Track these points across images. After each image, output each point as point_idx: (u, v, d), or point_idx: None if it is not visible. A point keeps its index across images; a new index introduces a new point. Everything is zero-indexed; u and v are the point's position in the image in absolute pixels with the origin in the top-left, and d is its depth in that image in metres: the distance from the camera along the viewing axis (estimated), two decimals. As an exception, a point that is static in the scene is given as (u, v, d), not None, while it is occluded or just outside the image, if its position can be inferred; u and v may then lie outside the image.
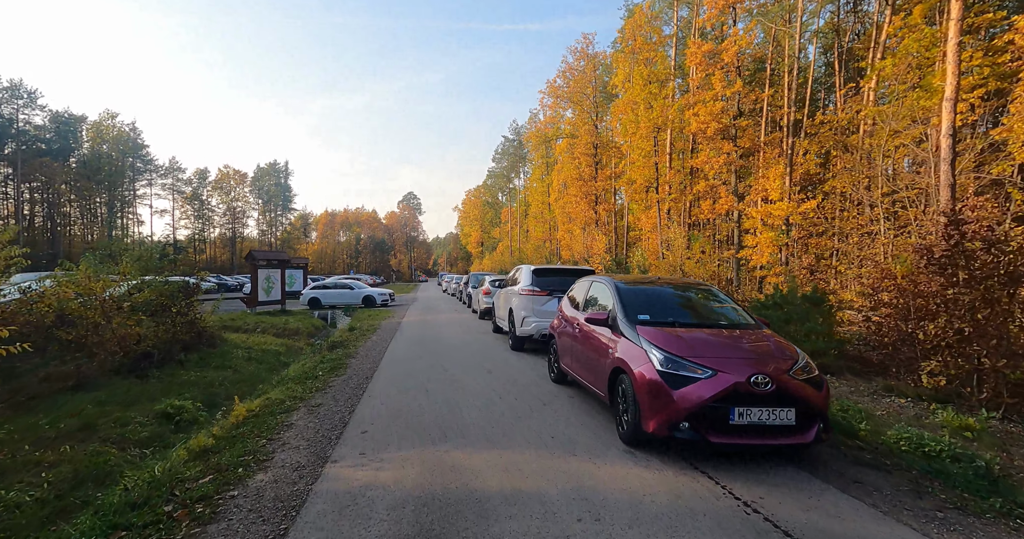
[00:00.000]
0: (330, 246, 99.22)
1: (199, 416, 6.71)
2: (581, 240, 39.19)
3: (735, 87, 19.25)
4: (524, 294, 8.50)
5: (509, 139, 70.86)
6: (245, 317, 18.31)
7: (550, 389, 5.85)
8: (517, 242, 63.78)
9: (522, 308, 8.49)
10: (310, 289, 23.32)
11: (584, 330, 4.97)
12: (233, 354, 11.20)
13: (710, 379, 3.33)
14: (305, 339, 15.82)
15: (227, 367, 9.94)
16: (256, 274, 20.26)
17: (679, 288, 4.95)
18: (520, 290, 8.67)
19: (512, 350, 8.92)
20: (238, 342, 12.91)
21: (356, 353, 9.01)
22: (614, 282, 4.84)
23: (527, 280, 8.69)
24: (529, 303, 8.37)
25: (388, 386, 6.16)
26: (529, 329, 8.25)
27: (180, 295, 10.71)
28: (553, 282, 8.52)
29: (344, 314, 21.78)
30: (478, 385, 6.06)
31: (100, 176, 62.90)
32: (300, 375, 7.16)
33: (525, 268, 9.19)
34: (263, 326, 16.92)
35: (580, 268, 9.12)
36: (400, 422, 4.62)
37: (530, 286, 8.47)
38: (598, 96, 33.14)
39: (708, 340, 3.82)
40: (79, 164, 62.67)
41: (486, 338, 10.75)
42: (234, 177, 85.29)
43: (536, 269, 8.80)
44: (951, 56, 11.02)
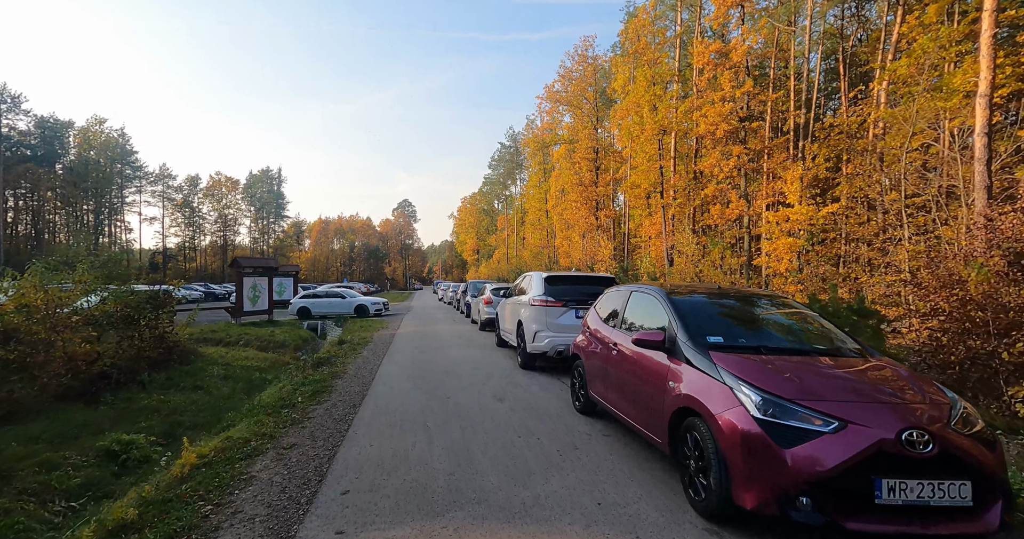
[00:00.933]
0: (324, 254, 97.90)
1: (152, 453, 5.60)
2: (580, 247, 38.34)
3: (745, 87, 18.49)
4: (536, 305, 7.47)
5: (505, 146, 70.26)
6: (229, 328, 17.14)
7: (578, 424, 4.79)
8: (514, 249, 62.92)
9: (534, 321, 7.45)
10: (299, 298, 22.16)
11: (626, 353, 3.94)
12: (207, 372, 10.06)
13: (839, 434, 2.32)
14: (291, 353, 14.68)
15: (198, 388, 8.80)
16: (241, 283, 19.12)
17: (745, 300, 3.94)
18: (531, 300, 7.64)
19: (522, 369, 7.87)
20: (216, 357, 11.75)
21: (344, 372, 7.91)
22: (665, 293, 3.83)
23: (538, 289, 7.67)
24: (542, 315, 7.34)
25: (379, 419, 5.08)
26: (542, 345, 7.21)
27: (147, 307, 9.59)
28: (568, 291, 7.51)
29: (335, 325, 20.64)
30: (490, 419, 4.99)
31: (87, 183, 61.46)
32: (275, 402, 6.06)
33: (535, 275, 8.17)
34: (247, 338, 15.77)
35: (598, 275, 8.10)
36: (394, 476, 3.55)
37: (542, 296, 7.45)
38: (598, 100, 32.44)
39: (819, 374, 2.81)
40: (66, 171, 61.23)
41: (490, 354, 9.69)
42: (226, 184, 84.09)
43: (548, 277, 7.78)
44: (985, 50, 10.23)
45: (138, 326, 9.54)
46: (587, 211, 32.18)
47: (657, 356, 3.47)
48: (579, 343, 5.25)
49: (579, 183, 32.31)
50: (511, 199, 71.66)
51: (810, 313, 3.74)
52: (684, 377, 3.10)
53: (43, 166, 55.99)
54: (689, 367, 3.11)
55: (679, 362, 3.23)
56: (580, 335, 5.39)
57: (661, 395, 3.30)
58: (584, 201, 32.11)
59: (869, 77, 26.58)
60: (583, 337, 5.20)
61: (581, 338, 5.25)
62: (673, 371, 3.23)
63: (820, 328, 3.56)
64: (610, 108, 32.56)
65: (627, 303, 4.40)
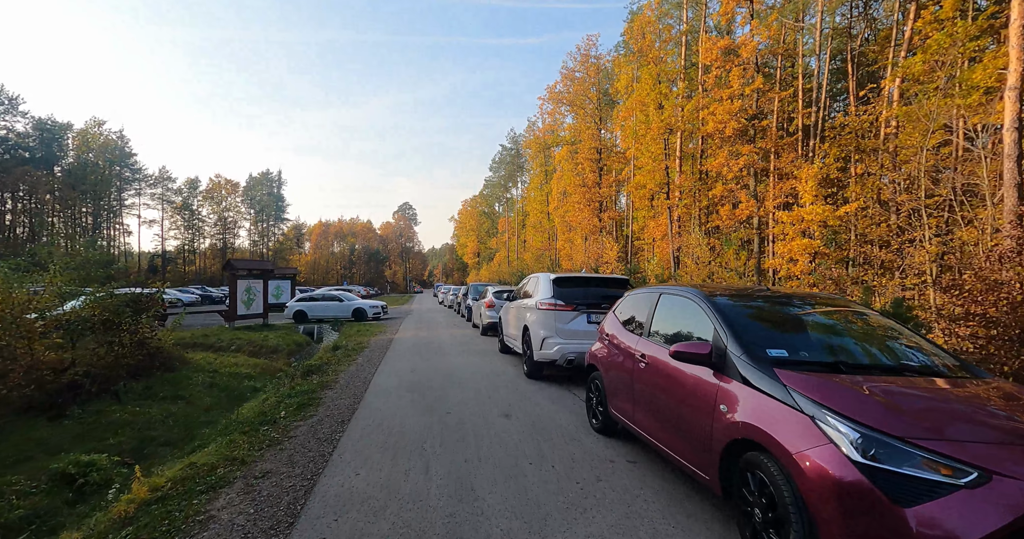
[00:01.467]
0: (324, 257, 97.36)
1: (115, 475, 4.97)
2: (582, 249, 37.76)
3: (755, 84, 17.93)
4: (543, 309, 6.85)
5: (507, 148, 69.81)
6: (221, 333, 16.54)
7: (598, 446, 4.16)
8: (515, 252, 62.41)
9: (541, 326, 6.83)
10: (295, 301, 21.55)
11: (658, 367, 3.32)
12: (192, 380, 9.44)
13: (981, 489, 1.70)
14: (285, 359, 14.08)
15: (179, 398, 8.18)
16: (235, 285, 18.53)
17: (801, 303, 3.29)
18: (538, 304, 7.02)
19: (528, 378, 7.24)
20: (203, 364, 11.14)
21: (335, 382, 7.29)
22: (705, 295, 3.20)
23: (546, 292, 7.05)
24: (550, 320, 6.71)
25: (369, 440, 4.45)
26: (551, 353, 6.58)
27: (127, 311, 8.98)
28: (579, 294, 6.88)
29: (332, 329, 20.01)
30: (496, 440, 4.36)
31: (85, 186, 60.99)
32: (255, 417, 5.43)
33: (542, 277, 7.55)
34: (239, 343, 15.17)
35: (611, 277, 7.48)
36: (382, 518, 2.92)
37: (551, 299, 6.82)
38: (601, 100, 31.92)
39: (928, 401, 2.18)
40: (64, 173, 60.82)
41: (493, 361, 9.05)
42: (225, 187, 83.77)
43: (557, 278, 7.16)
44: (1015, 40, 9.65)
45: (118, 331, 8.94)
46: (590, 213, 31.60)
47: (700, 372, 2.85)
48: (596, 352, 4.62)
49: (582, 184, 31.74)
50: (512, 202, 71.22)
51: (885, 320, 3.10)
52: (741, 400, 2.48)
53: (41, 168, 55.57)
54: (747, 388, 2.49)
55: (730, 380, 2.61)
56: (596, 343, 4.77)
57: (708, 421, 2.68)
58: (587, 202, 31.53)
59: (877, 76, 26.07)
60: (600, 346, 4.58)
61: (598, 347, 4.63)
62: (724, 392, 2.62)
63: (903, 338, 2.91)
64: (612, 109, 32.05)
65: (655, 308, 3.78)
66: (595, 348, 4.70)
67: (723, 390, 2.63)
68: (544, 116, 47.46)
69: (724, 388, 2.63)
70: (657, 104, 21.85)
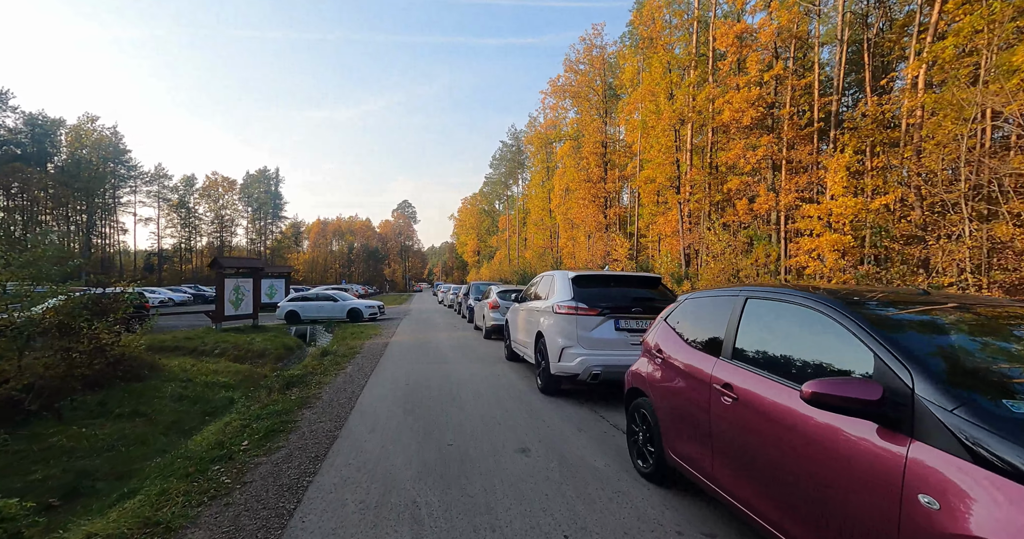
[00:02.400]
0: (322, 255, 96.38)
1: (26, 529, 3.89)
2: (586, 247, 36.73)
3: (775, 69, 16.84)
4: (561, 313, 5.77)
5: (507, 145, 68.74)
6: (206, 335, 15.48)
7: (654, 504, 3.07)
8: (516, 250, 61.41)
9: (560, 334, 5.75)
10: (288, 301, 20.47)
11: (763, 408, 2.23)
12: (161, 391, 8.37)
13: None
14: (272, 364, 13.00)
15: (138, 414, 7.10)
16: (222, 284, 17.44)
17: (1000, 317, 2.23)
18: (554, 307, 5.94)
19: (543, 394, 6.17)
20: (177, 372, 10.07)
21: (317, 398, 6.22)
22: (846, 304, 2.10)
23: (564, 293, 5.97)
24: (570, 327, 5.64)
25: (346, 490, 3.37)
26: (572, 366, 5.50)
27: (84, 313, 7.91)
28: (604, 296, 5.81)
29: (325, 331, 18.95)
30: (513, 494, 3.26)
31: (79, 183, 59.84)
32: (209, 449, 4.36)
33: (558, 276, 6.47)
34: (223, 347, 14.09)
35: (642, 275, 6.39)
36: None
37: (570, 301, 5.74)
38: (606, 92, 30.80)
39: None
40: (57, 170, 59.71)
41: (500, 371, 7.98)
42: (222, 184, 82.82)
43: (577, 277, 6.08)
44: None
45: (78, 336, 7.87)
46: (595, 209, 30.51)
47: (851, 426, 1.78)
48: (642, 373, 3.54)
49: (586, 179, 30.64)
50: (513, 199, 70.21)
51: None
52: (971, 491, 1.40)
53: (34, 165, 54.44)
54: (980, 469, 1.41)
55: (928, 446, 1.54)
56: (641, 360, 3.69)
57: (885, 516, 1.60)
58: (592, 198, 30.44)
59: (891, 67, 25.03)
60: (649, 364, 3.49)
61: (645, 366, 3.55)
62: (922, 469, 1.53)
63: None
64: (617, 104, 30.93)
65: (740, 318, 2.70)
66: (640, 367, 3.62)
67: (918, 466, 1.55)
68: (546, 111, 46.42)
69: (920, 462, 1.55)
70: (668, 93, 20.75)
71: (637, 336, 5.46)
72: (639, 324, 5.51)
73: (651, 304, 5.67)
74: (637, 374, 3.63)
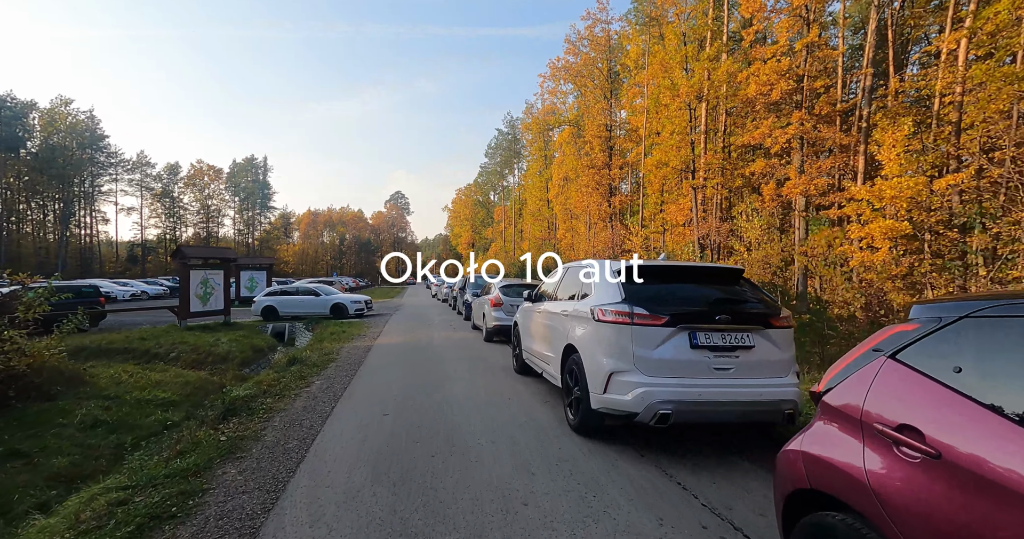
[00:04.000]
0: (313, 247, 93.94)
1: None
2: (586, 238, 34.94)
3: (810, 36, 14.97)
4: (608, 321, 3.94)
5: (503, 133, 66.53)
6: (165, 335, 13.55)
7: None
8: (512, 242, 59.58)
9: (606, 352, 3.92)
10: (264, 296, 18.51)
11: None
12: (71, 414, 6.49)
13: None
14: (235, 370, 11.11)
15: (19, 454, 5.23)
16: (187, 277, 15.45)
17: None
18: (596, 312, 4.11)
19: (577, 433, 4.36)
20: (107, 384, 8.18)
21: (254, 441, 4.37)
22: None
23: (610, 291, 4.13)
24: (623, 342, 3.80)
25: None
26: (627, 400, 3.68)
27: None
28: (670, 297, 3.96)
29: (305, 329, 17.07)
30: None
31: (54, 169, 56.99)
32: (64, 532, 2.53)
33: (601, 267, 4.60)
34: (181, 349, 12.19)
35: (717, 266, 4.52)
36: None
37: (621, 305, 3.90)
38: (612, 71, 28.79)
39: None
40: (31, 156, 56.78)
41: (511, 391, 6.17)
42: (208, 173, 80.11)
43: (635, 266, 4.23)
44: None
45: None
46: (599, 197, 28.65)
47: None
48: (859, 474, 1.67)
49: (590, 165, 28.72)
50: (509, 190, 68.22)
51: None
52: None
53: (5, 151, 51.59)
54: None
55: None
56: (842, 442, 1.81)
57: None
58: (595, 186, 28.55)
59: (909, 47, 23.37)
60: (877, 459, 1.63)
61: (861, 457, 1.68)
62: None
63: None
64: (621, 87, 28.95)
65: None
66: (843, 457, 1.73)
67: None
68: (544, 95, 44.44)
69: None
70: (683, 67, 18.84)
71: (726, 357, 3.66)
72: (727, 339, 3.70)
73: (741, 309, 3.87)
74: (838, 471, 1.75)
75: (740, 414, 3.61)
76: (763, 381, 3.65)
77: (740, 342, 3.68)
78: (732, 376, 3.64)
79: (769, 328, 3.76)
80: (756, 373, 3.67)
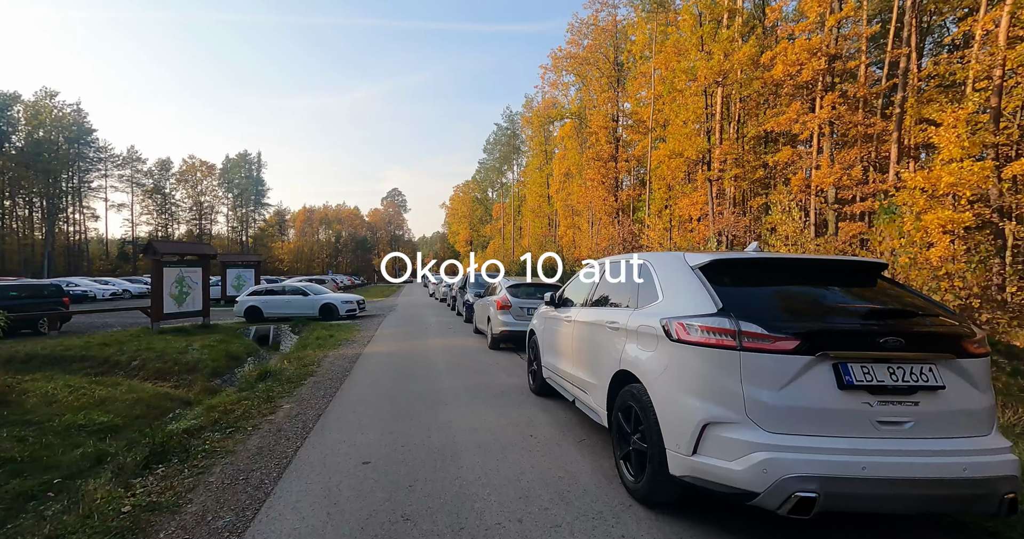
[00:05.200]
0: (308, 244, 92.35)
1: None
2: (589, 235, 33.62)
3: (845, 10, 13.62)
4: (696, 343, 2.57)
5: (502, 127, 65.05)
6: (132, 339, 12.15)
7: None
8: (511, 240, 58.25)
9: (699, 391, 2.54)
10: (248, 295, 17.08)
11: None
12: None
13: None
14: (205, 381, 9.69)
15: None
16: (160, 275, 14.02)
17: None
18: (673, 328, 2.73)
19: (644, 504, 2.97)
20: (36, 405, 6.80)
21: (186, 496, 3.00)
22: None
23: (693, 296, 2.76)
24: (726, 376, 2.43)
25: None
26: (738, 471, 2.31)
27: None
28: (795, 305, 2.60)
29: (291, 331, 15.66)
30: None
31: (40, 164, 55.25)
32: None
33: (666, 261, 3.24)
34: (145, 356, 10.79)
35: (846, 260, 3.10)
36: None
37: (719, 318, 2.52)
38: (617, 59, 27.39)
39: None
40: (17, 150, 55.00)
41: (533, 424, 4.80)
42: (200, 169, 78.48)
43: (714, 264, 2.87)
44: None
45: None
46: (604, 191, 27.29)
47: None
48: None
49: (596, 157, 27.34)
50: (508, 187, 66.85)
51: None
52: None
53: (-13, 144, 49.87)
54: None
55: None
56: None
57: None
58: (601, 179, 27.18)
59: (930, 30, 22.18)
60: None
61: None
62: None
63: None
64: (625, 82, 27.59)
65: None
66: None
67: None
68: (545, 88, 43.06)
69: None
70: (699, 49, 17.46)
71: (899, 405, 2.29)
72: (899, 374, 2.33)
73: (914, 326, 2.48)
74: None
75: (927, 500, 2.25)
76: (960, 443, 2.29)
77: (921, 380, 2.31)
78: (910, 434, 2.28)
79: (962, 356, 2.39)
80: (947, 429, 2.31)
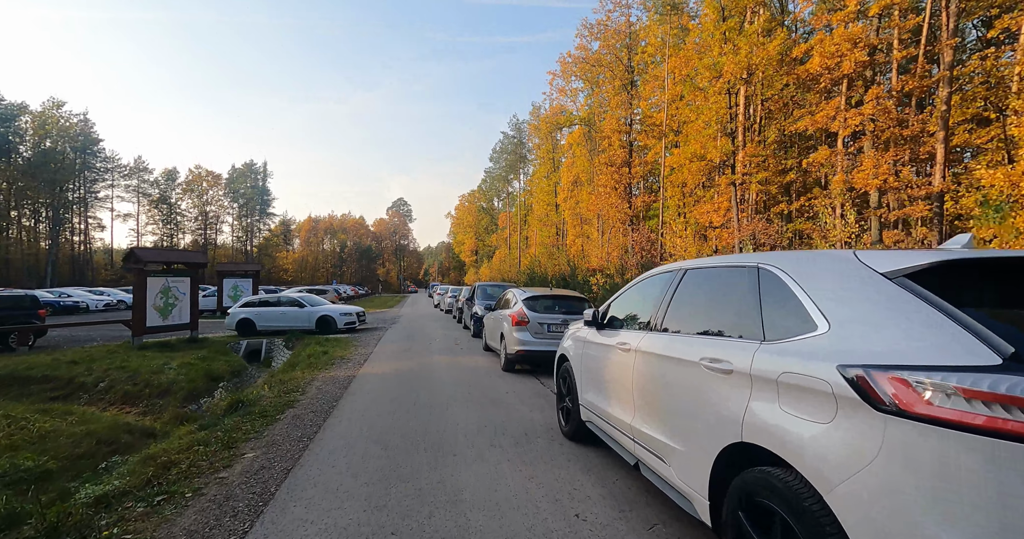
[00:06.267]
0: (313, 254, 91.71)
1: None
2: (599, 244, 32.35)
3: None
4: (962, 425, 1.30)
5: (508, 135, 64.25)
6: (105, 356, 11.00)
7: None
8: (517, 250, 57.07)
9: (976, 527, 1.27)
10: (240, 307, 15.93)
11: None
12: None
13: None
14: (177, 406, 8.49)
15: None
16: (143, 285, 12.91)
17: None
18: (894, 388, 1.46)
19: None
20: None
21: None
22: None
23: (926, 331, 1.52)
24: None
25: None
26: None
27: None
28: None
29: (285, 346, 14.45)
30: None
31: (46, 174, 55.01)
32: None
33: (839, 262, 2.00)
34: (114, 378, 9.59)
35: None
36: None
37: (1004, 378, 1.27)
38: (633, 60, 26.37)
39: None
40: (24, 161, 54.85)
41: (573, 492, 3.52)
42: (207, 178, 78.33)
43: (992, 260, 1.62)
44: None
45: None
46: (617, 198, 26.07)
47: None
48: None
49: (608, 163, 26.19)
50: (514, 196, 65.87)
51: None
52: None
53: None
54: None
55: None
56: None
57: None
58: (614, 185, 25.99)
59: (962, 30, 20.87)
60: None
61: None
62: None
63: None
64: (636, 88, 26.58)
65: None
66: None
67: None
68: (553, 94, 42.09)
69: None
70: (722, 43, 16.34)
71: None
72: None
73: None
74: None
75: None
76: None
77: None
78: None
79: None
80: None
